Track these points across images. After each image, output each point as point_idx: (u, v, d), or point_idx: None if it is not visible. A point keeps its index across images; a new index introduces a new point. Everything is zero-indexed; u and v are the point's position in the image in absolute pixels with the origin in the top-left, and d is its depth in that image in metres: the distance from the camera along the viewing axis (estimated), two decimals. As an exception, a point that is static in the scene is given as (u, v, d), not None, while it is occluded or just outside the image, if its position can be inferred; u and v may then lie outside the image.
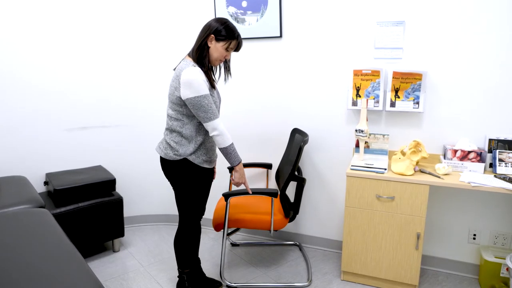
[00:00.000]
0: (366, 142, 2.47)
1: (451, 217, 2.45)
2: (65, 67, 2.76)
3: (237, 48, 1.99)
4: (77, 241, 2.55)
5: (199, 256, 2.75)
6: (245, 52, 2.79)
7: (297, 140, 2.44)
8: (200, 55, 1.92)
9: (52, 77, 2.73)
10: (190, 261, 2.19)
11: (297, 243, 2.92)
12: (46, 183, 2.73)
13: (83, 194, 2.57)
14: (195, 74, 1.84)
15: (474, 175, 2.15)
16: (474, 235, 2.42)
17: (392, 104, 2.39)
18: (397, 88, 2.35)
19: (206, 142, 2.01)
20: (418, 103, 2.33)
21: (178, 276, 2.26)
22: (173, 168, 2.01)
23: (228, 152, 1.95)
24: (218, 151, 3.04)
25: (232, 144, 1.96)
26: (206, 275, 2.49)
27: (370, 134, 2.46)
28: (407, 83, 2.32)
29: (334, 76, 2.56)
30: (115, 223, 2.71)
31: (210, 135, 1.91)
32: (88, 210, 2.56)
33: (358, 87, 2.45)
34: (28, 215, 1.71)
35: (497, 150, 2.20)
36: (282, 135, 2.80)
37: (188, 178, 2.02)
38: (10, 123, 2.63)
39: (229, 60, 2.09)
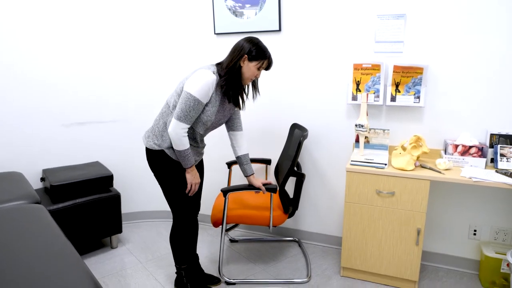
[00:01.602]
0: (366, 137, 2.44)
1: (451, 212, 2.43)
2: (62, 61, 2.73)
3: (267, 67, 2.00)
4: (74, 237, 2.53)
5: (197, 252, 2.73)
6: (243, 46, 2.75)
7: (297, 135, 2.41)
8: (234, 75, 1.92)
9: (49, 71, 2.69)
10: (187, 257, 2.17)
11: (296, 239, 2.90)
12: (42, 179, 2.70)
13: (80, 190, 2.54)
14: (209, 79, 1.85)
15: (475, 170, 2.13)
16: (475, 230, 2.40)
17: (393, 99, 2.36)
18: (397, 82, 2.33)
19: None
20: (419, 97, 2.30)
21: (176, 273, 2.24)
22: (154, 159, 2.02)
23: (181, 155, 1.94)
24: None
25: (186, 150, 1.93)
26: (205, 271, 2.47)
27: (370, 129, 2.44)
28: (408, 77, 2.29)
29: (334, 71, 2.53)
30: (113, 220, 2.69)
31: (168, 129, 1.90)
32: (86, 206, 2.54)
33: (358, 81, 2.42)
34: (23, 211, 1.69)
35: (499, 145, 2.17)
36: (281, 130, 2.78)
37: (167, 171, 2.01)
38: (6, 118, 2.60)
39: (258, 79, 2.09)
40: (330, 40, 2.50)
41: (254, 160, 2.75)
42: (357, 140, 2.45)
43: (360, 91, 2.43)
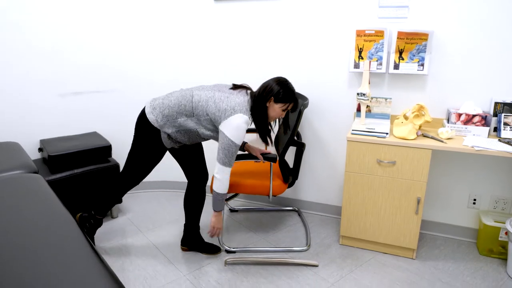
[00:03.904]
0: (367, 106, 2.40)
1: (452, 181, 2.43)
2: (57, 27, 2.64)
3: (293, 109, 2.03)
4: (74, 207, 2.53)
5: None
6: (240, 13, 2.66)
7: (297, 104, 2.37)
8: (261, 115, 1.97)
9: (43, 38, 2.61)
10: (106, 210, 2.27)
11: (296, 209, 2.91)
12: (40, 149, 2.67)
13: (79, 161, 2.53)
14: (245, 125, 1.90)
15: (477, 139, 2.10)
16: (474, 200, 2.40)
17: (396, 66, 2.30)
18: (401, 49, 2.26)
19: (181, 137, 2.04)
20: (423, 65, 2.24)
21: (86, 214, 2.28)
22: (145, 129, 2.03)
23: (216, 198, 2.03)
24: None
25: (224, 195, 2.02)
26: (205, 240, 2.49)
27: (372, 98, 2.39)
28: (412, 44, 2.22)
29: (335, 37, 2.45)
30: (112, 190, 2.69)
31: (214, 173, 1.98)
32: (84, 176, 2.53)
33: (360, 48, 2.35)
34: (20, 180, 1.67)
35: (503, 114, 2.14)
36: (281, 100, 2.73)
37: (148, 144, 2.06)
38: (1, 87, 2.54)
39: (287, 117, 2.12)
40: (332, 5, 2.40)
41: (253, 130, 2.72)
42: (358, 109, 2.41)
43: (362, 58, 2.36)
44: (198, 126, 1.99)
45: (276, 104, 1.96)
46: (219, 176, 1.96)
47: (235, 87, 2.02)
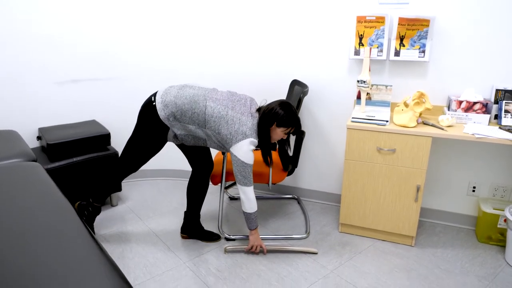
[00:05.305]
0: (368, 93, 2.38)
1: (451, 169, 2.43)
2: (56, 14, 2.60)
3: (295, 131, 2.07)
4: (73, 196, 2.53)
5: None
6: (240, 1, 2.62)
7: (297, 92, 2.36)
8: (264, 138, 2.00)
9: (40, 25, 2.57)
10: (104, 198, 2.29)
11: (296, 197, 2.91)
12: (39, 138, 2.66)
13: (78, 149, 2.52)
14: (254, 145, 1.95)
15: (478, 126, 2.09)
16: (474, 187, 2.40)
17: (397, 53, 2.27)
18: (402, 36, 2.23)
19: (188, 140, 2.06)
20: (424, 51, 2.21)
21: (85, 202, 2.30)
22: (152, 121, 2.01)
23: (249, 218, 2.09)
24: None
25: (255, 212, 2.07)
26: (205, 228, 2.50)
27: (372, 85, 2.37)
28: (413, 30, 2.19)
29: (335, 24, 2.42)
30: (112, 178, 2.68)
31: (241, 197, 2.04)
32: (83, 164, 2.52)
33: (361, 35, 2.32)
34: (18, 169, 1.66)
35: (504, 101, 2.12)
36: (281, 87, 2.71)
37: (151, 135, 2.05)
38: (-3, 76, 2.52)
39: (288, 138, 2.16)
40: (333, -9, 2.37)
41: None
42: (358, 97, 2.39)
43: (363, 45, 2.33)
44: (208, 137, 2.00)
45: (279, 128, 1.99)
46: (244, 198, 2.02)
47: (247, 106, 2.01)
